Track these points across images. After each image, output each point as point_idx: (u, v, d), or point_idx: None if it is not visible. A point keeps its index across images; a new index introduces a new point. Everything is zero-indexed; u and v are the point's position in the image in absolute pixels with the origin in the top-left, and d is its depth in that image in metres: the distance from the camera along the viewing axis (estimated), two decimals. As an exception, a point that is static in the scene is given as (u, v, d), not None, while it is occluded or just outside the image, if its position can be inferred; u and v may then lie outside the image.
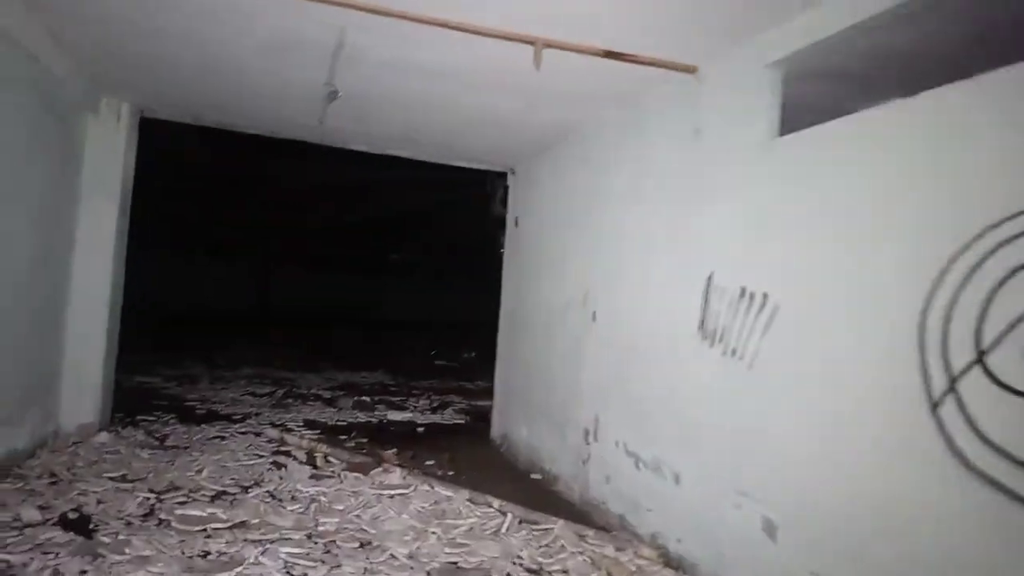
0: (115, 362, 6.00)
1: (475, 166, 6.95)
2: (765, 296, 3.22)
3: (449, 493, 4.71)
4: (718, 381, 3.51)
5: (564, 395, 5.29)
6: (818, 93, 3.58)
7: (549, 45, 3.56)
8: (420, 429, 7.28)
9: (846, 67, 3.41)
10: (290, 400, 8.33)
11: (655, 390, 4.07)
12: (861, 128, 2.82)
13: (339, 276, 22.86)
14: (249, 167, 10.64)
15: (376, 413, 7.93)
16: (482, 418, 8.01)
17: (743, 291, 3.38)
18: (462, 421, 7.90)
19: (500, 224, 13.57)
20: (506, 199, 10.96)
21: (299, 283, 22.59)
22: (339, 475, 4.99)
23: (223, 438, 5.99)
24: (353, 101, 4.89)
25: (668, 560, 3.79)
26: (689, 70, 3.84)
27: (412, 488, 4.76)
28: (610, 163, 4.84)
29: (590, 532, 4.13)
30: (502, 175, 7.24)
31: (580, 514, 4.70)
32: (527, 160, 6.47)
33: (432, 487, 4.82)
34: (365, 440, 6.40)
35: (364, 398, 8.69)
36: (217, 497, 4.31)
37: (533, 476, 5.64)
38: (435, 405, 8.85)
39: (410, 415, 7.93)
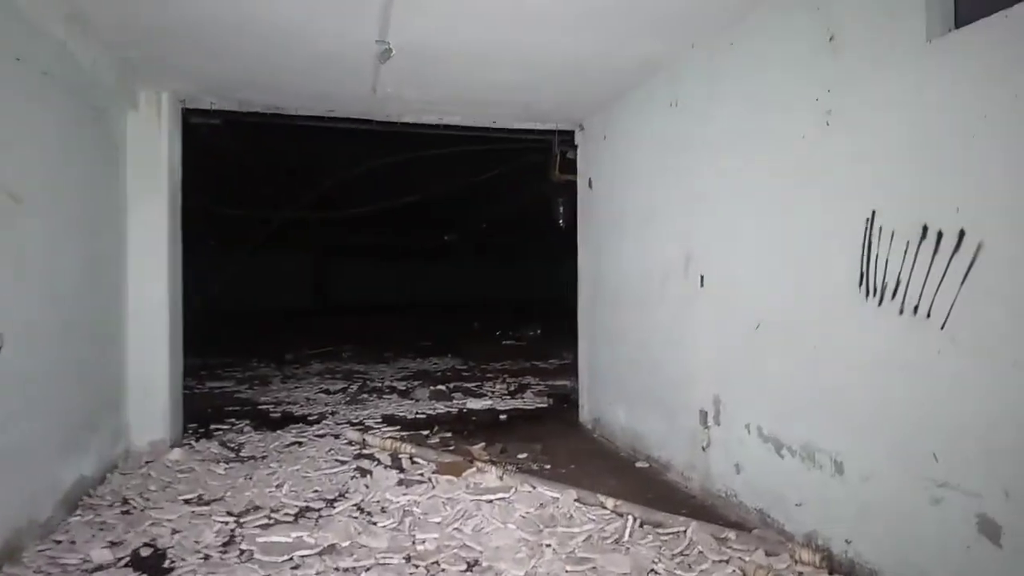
0: (182, 370, 5.68)
1: (539, 126, 6.29)
2: (961, 233, 2.49)
3: (555, 494, 4.15)
4: (896, 347, 2.80)
5: (671, 373, 4.64)
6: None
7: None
8: (503, 417, 6.76)
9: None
10: (365, 395, 7.95)
11: (800, 363, 3.38)
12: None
13: (393, 263, 22.64)
14: (298, 156, 10.27)
15: (455, 402, 7.46)
16: (565, 400, 7.45)
17: (924, 230, 2.65)
18: (544, 405, 7.35)
19: (559, 191, 12.86)
20: (566, 163, 10.33)
21: (355, 273, 22.48)
22: (429, 479, 4.50)
23: (301, 443, 5.60)
24: (409, 60, 4.31)
25: (835, 565, 3.14)
26: (818, -36, 3.09)
27: (512, 490, 4.23)
28: (711, 99, 4.11)
29: (730, 534, 3.50)
30: (567, 134, 6.54)
31: (706, 510, 4.08)
32: (599, 112, 5.77)
33: (534, 487, 4.28)
34: (449, 434, 5.92)
35: (440, 387, 8.24)
36: (301, 515, 3.87)
37: (639, 465, 5.04)
38: (512, 389, 8.33)
39: (489, 402, 7.43)
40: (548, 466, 4.96)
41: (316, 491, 4.29)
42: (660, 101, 4.70)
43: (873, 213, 2.92)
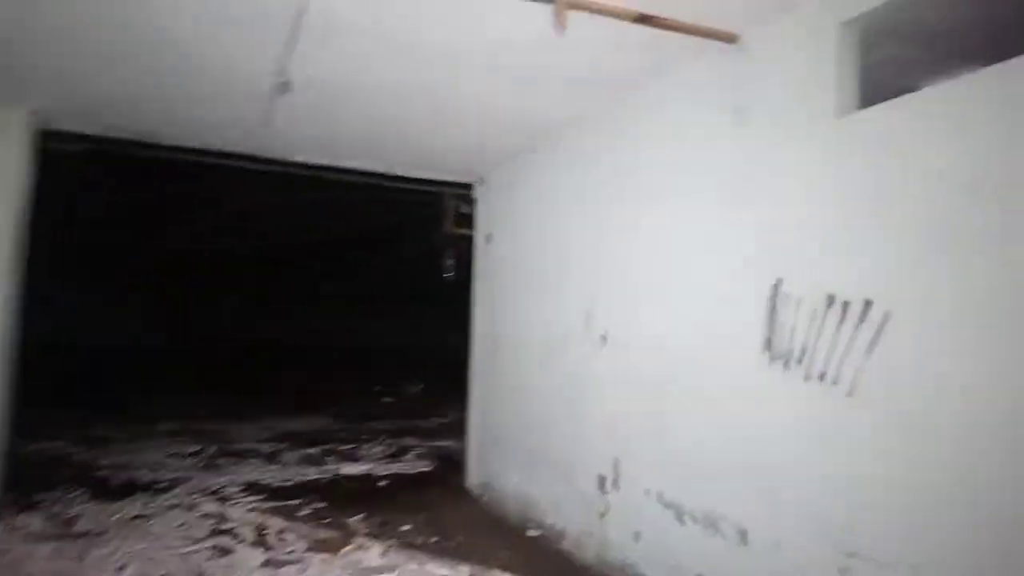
0: (7, 426, 4.78)
1: (439, 176, 6.14)
2: (867, 303, 2.57)
3: (445, 571, 3.81)
4: (803, 413, 2.82)
5: (568, 435, 4.50)
6: (891, 60, 3.02)
7: (573, 6, 2.85)
8: (382, 483, 6.29)
9: (927, 29, 2.87)
10: (224, 459, 7.14)
11: (706, 426, 3.34)
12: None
13: (265, 306, 21.08)
14: (170, 190, 9.44)
15: (327, 467, 6.87)
16: (451, 463, 7.09)
17: (831, 299, 2.73)
18: (428, 468, 6.95)
19: (450, 245, 12.72)
20: (460, 217, 10.20)
21: (221, 317, 20.66)
22: (301, 559, 3.99)
23: (147, 517, 4.85)
24: (309, 94, 4.02)
25: (741, 641, 3.04)
26: (729, 39, 3.23)
27: (397, 569, 3.83)
28: (624, 162, 4.15)
29: (633, 609, 3.34)
30: (464, 187, 6.45)
31: (603, 581, 3.90)
32: (505, 165, 5.72)
33: (422, 564, 3.91)
34: (323, 505, 5.37)
35: (310, 450, 7.59)
36: (145, 607, 3.26)
37: (531, 533, 4.79)
38: (392, 451, 7.85)
39: (367, 466, 6.91)
40: (435, 538, 4.60)
41: (165, 575, 3.66)
42: (571, 159, 4.72)
43: (779, 280, 2.98)
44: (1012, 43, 2.28)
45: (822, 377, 2.74)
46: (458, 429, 9.35)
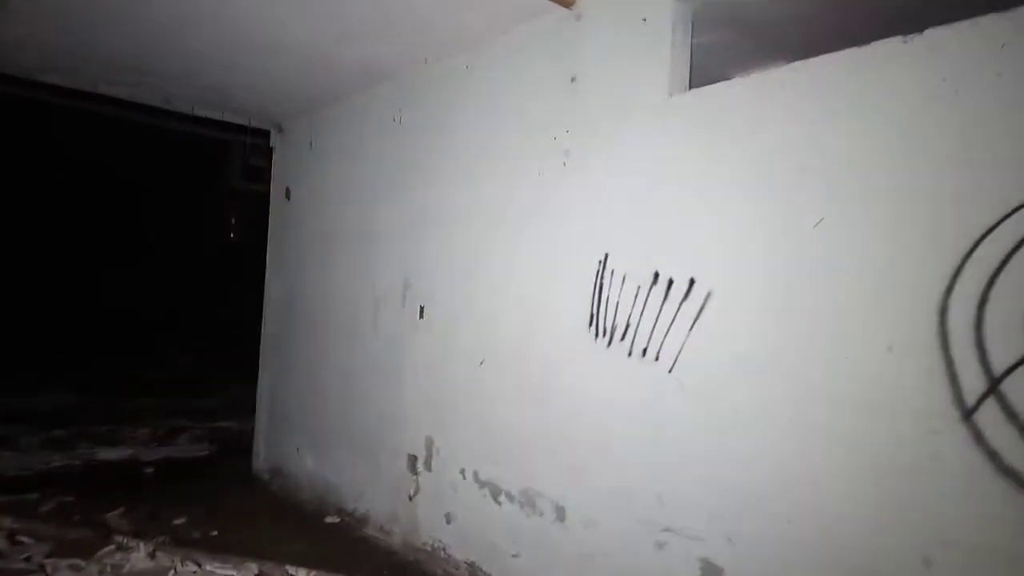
0: None
1: (227, 118, 5.33)
2: (691, 281, 2.60)
3: (229, 571, 3.31)
4: (624, 389, 2.81)
5: (377, 413, 4.17)
6: (721, 45, 3.09)
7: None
8: (149, 470, 5.43)
9: (755, 19, 2.97)
10: (-69, 447, 5.69)
11: (526, 403, 3.23)
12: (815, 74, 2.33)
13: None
14: None
15: (79, 452, 5.78)
16: (234, 446, 6.37)
17: (656, 276, 2.73)
18: (205, 453, 6.16)
19: (234, 201, 11.49)
20: (251, 170, 9.21)
21: None
22: (42, 566, 3.23)
23: None
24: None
25: (554, 618, 3.01)
26: (565, 3, 3.08)
27: (171, 572, 3.25)
28: (443, 120, 3.86)
29: (444, 595, 3.17)
30: (260, 135, 5.70)
31: (408, 566, 3.69)
32: (306, 114, 5.11)
33: (199, 564, 3.36)
34: (72, 498, 4.46)
35: (56, 431, 6.35)
36: None
37: (329, 520, 4.40)
38: (161, 433, 6.86)
39: (129, 451, 5.94)
40: (215, 532, 4.02)
41: None
42: (383, 114, 4.31)
43: (606, 256, 2.94)
44: (828, 38, 2.41)
45: (644, 353, 2.75)
46: (240, 409, 8.49)
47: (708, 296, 2.54)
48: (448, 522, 3.62)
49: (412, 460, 3.86)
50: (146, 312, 17.58)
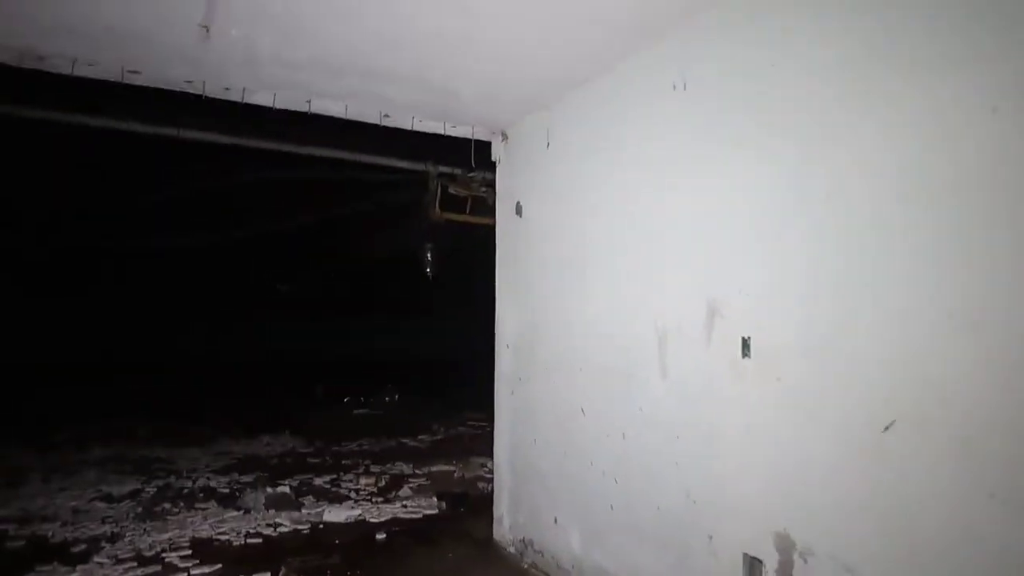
0: None
1: (452, 130, 4.61)
2: None
3: None
4: None
5: (679, 490, 3.05)
6: None
7: None
8: (381, 536, 4.74)
9: None
10: (167, 503, 5.50)
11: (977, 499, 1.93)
12: None
13: (207, 312, 18.81)
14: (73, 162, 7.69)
15: (305, 512, 5.29)
16: (462, 502, 5.58)
17: None
18: (435, 511, 5.41)
19: (432, 235, 11.11)
20: (448, 199, 8.71)
21: (155, 322, 18.16)
22: None
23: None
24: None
25: None
26: None
27: None
28: (764, 73, 2.71)
29: None
30: (481, 147, 4.94)
31: None
32: (540, 111, 4.22)
33: None
34: (306, 581, 3.83)
35: (281, 486, 5.98)
36: None
37: (610, 622, 3.34)
38: (382, 484, 6.30)
39: (356, 510, 5.34)
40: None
41: None
42: (656, 82, 3.25)
43: None
44: None
45: None
46: (456, 450, 7.91)
47: None
48: (828, 667, 2.38)
49: (753, 565, 2.67)
50: (339, 359, 18.31)
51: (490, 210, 8.35)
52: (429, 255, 11.10)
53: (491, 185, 8.28)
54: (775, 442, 2.59)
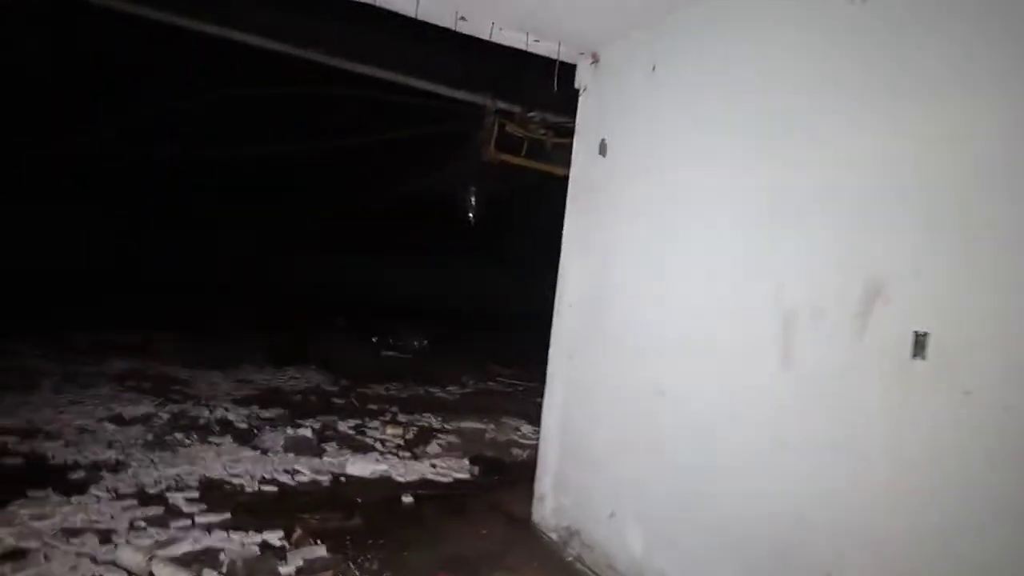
0: None
1: (534, 45, 3.90)
2: None
3: None
4: None
5: (790, 513, 2.43)
6: None
7: None
8: (407, 498, 4.25)
9: None
10: (179, 432, 5.09)
11: None
12: None
13: (229, 232, 18.29)
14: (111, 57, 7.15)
15: (327, 460, 4.83)
16: (496, 469, 5.08)
17: None
18: (466, 476, 4.91)
19: (475, 176, 10.36)
20: (505, 138, 8.04)
21: (184, 241, 17.82)
22: None
23: (25, 552, 2.86)
24: None
25: None
26: None
27: None
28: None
29: None
30: (565, 70, 4.21)
31: None
32: (645, 27, 3.50)
33: None
34: (319, 544, 3.34)
35: (302, 428, 5.53)
36: None
37: (674, 645, 2.80)
38: (410, 436, 5.82)
39: (382, 464, 4.85)
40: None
41: None
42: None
43: None
44: None
45: None
46: (486, 406, 7.42)
47: None
48: None
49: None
50: (376, 296, 17.90)
51: (547, 155, 7.64)
52: (473, 198, 10.43)
53: (552, 127, 7.55)
54: (954, 478, 1.95)
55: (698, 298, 2.99)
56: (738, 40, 2.92)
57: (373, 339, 11.84)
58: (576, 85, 4.15)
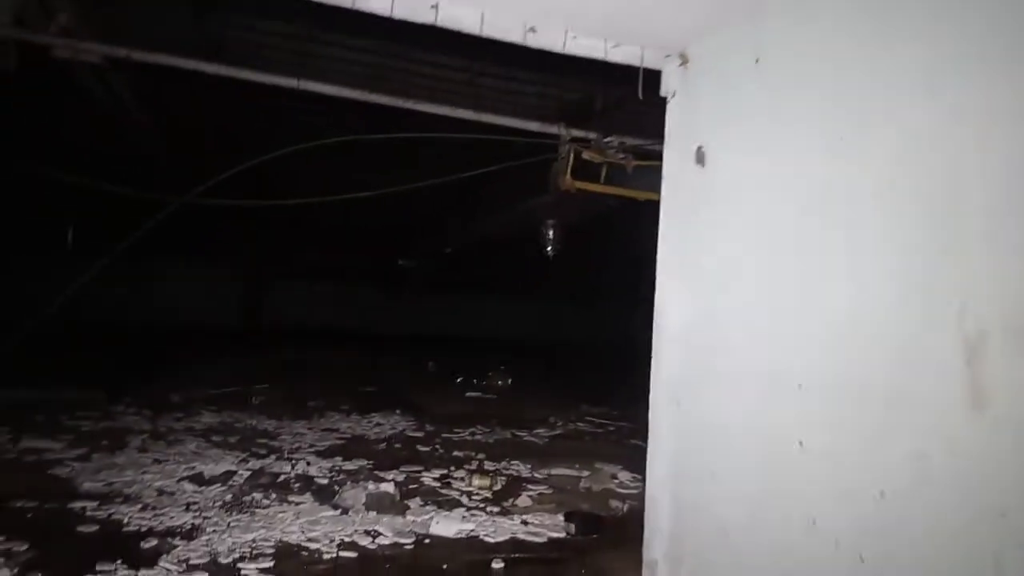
0: None
1: (611, 53, 3.48)
2: None
3: None
4: None
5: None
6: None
7: None
8: (498, 566, 3.80)
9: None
10: (258, 491, 4.86)
11: None
12: None
13: (333, 285, 19.38)
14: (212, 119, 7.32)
15: (410, 519, 4.44)
16: (592, 525, 4.54)
17: None
18: (561, 535, 4.39)
19: (550, 209, 9.94)
20: (582, 166, 7.68)
21: (293, 296, 19.15)
22: None
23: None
24: None
25: None
26: None
27: None
28: None
29: None
30: (652, 75, 3.76)
31: None
32: (745, 19, 3.03)
33: None
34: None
35: (385, 482, 5.18)
36: None
37: None
38: (498, 487, 5.38)
39: (470, 523, 4.43)
40: None
41: None
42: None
43: None
44: None
45: None
46: (577, 450, 6.91)
47: None
48: None
49: None
50: (453, 336, 17.93)
51: (628, 179, 7.15)
52: (551, 232, 10.02)
53: (630, 151, 7.08)
54: None
55: (843, 326, 2.43)
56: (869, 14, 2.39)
57: (457, 379, 11.56)
58: (662, 92, 3.68)
